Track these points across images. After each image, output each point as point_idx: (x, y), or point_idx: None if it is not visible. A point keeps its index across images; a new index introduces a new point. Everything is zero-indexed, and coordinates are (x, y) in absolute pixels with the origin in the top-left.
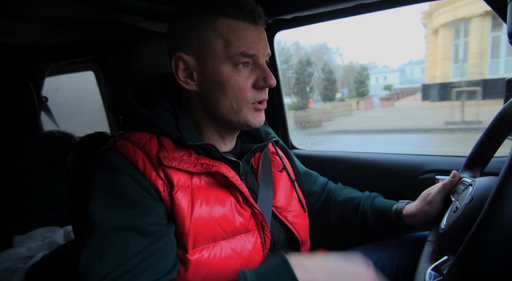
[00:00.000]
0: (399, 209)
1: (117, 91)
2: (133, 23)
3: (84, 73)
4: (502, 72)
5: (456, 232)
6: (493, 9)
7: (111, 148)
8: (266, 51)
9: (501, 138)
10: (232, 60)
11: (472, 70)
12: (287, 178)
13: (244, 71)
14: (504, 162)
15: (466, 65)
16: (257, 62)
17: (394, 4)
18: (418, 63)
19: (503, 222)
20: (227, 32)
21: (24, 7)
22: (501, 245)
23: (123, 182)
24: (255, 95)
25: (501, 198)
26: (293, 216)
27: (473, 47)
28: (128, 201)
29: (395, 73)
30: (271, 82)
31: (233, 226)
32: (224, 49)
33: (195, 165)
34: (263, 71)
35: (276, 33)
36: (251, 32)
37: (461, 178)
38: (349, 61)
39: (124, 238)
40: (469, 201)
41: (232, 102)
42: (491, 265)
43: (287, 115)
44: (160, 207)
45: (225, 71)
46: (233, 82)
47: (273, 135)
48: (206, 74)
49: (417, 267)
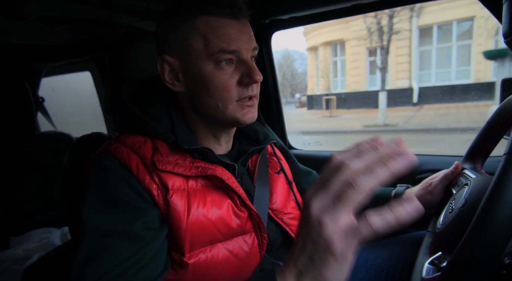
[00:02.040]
0: (399, 193)
1: (114, 92)
2: (130, 23)
3: (80, 73)
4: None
5: (451, 233)
6: (488, 9)
7: (105, 152)
8: (251, 45)
9: (501, 133)
10: (213, 58)
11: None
12: (284, 180)
13: (228, 68)
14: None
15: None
16: (240, 58)
17: (390, 4)
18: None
19: (497, 222)
20: (205, 30)
21: (21, 7)
22: (495, 245)
23: (116, 186)
24: (240, 93)
25: (495, 198)
26: (290, 218)
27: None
28: (121, 206)
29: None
30: (257, 78)
31: (230, 228)
32: (204, 48)
33: (190, 168)
34: (248, 67)
35: (273, 33)
36: (230, 27)
37: (463, 168)
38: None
39: (115, 242)
40: (463, 204)
41: (217, 101)
42: (486, 263)
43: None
44: (153, 211)
45: (208, 70)
46: (216, 81)
47: (272, 137)
48: (190, 75)
49: (417, 259)
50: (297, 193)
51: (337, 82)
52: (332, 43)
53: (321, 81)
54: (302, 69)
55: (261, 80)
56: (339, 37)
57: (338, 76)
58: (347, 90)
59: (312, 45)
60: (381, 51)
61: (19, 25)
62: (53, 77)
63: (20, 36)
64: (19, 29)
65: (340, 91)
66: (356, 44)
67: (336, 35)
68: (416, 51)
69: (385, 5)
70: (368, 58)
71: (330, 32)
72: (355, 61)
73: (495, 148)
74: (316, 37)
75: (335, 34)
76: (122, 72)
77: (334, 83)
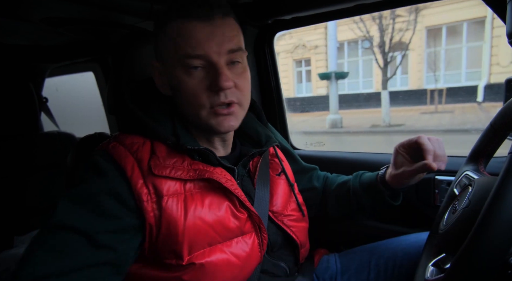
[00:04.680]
0: (382, 175)
1: (117, 92)
2: (133, 23)
3: (84, 74)
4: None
5: (454, 234)
6: (492, 9)
7: (103, 149)
8: (224, 48)
9: (504, 134)
10: (180, 63)
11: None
12: (285, 181)
13: (197, 74)
14: (504, 162)
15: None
16: (210, 62)
17: (394, 4)
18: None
19: (502, 221)
20: (175, 35)
21: (24, 8)
22: (500, 244)
23: (100, 186)
24: (212, 99)
25: (500, 198)
26: (290, 219)
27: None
28: (96, 208)
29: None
30: (222, 84)
31: (228, 230)
32: (174, 53)
33: (188, 171)
34: (215, 73)
35: (276, 33)
36: (199, 30)
37: (465, 171)
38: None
39: (72, 240)
40: (466, 204)
41: (190, 107)
42: (491, 263)
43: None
44: (128, 221)
45: (179, 76)
46: (185, 87)
47: (274, 138)
48: (169, 80)
49: (420, 260)
50: (298, 195)
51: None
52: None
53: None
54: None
55: (229, 88)
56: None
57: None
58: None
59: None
60: (305, 63)
61: (23, 26)
62: (56, 77)
63: (24, 37)
64: (23, 30)
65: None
66: (284, 56)
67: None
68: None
69: (388, 5)
70: (296, 69)
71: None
72: (284, 71)
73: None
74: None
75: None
76: (125, 72)
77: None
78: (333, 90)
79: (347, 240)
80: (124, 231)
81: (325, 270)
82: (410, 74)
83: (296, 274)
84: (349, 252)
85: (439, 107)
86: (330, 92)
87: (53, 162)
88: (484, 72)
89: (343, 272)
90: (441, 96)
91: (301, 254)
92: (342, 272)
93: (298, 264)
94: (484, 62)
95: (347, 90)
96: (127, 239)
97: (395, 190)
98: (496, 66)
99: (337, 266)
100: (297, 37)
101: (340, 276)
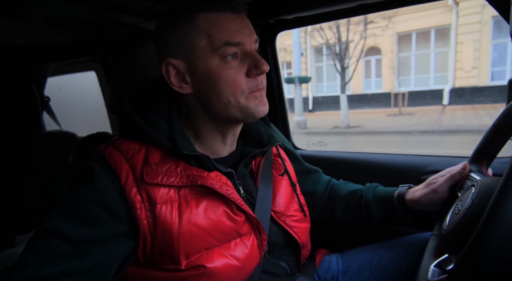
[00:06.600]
0: (401, 194)
1: (119, 92)
2: (134, 23)
3: (86, 73)
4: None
5: (457, 234)
6: (495, 9)
7: (99, 154)
8: (253, 38)
9: (507, 134)
10: (218, 53)
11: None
12: (288, 181)
13: (234, 62)
14: (508, 162)
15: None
16: (245, 50)
17: (396, 4)
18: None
19: (506, 222)
20: (208, 26)
21: (25, 8)
22: (504, 245)
23: (90, 193)
24: (250, 85)
25: (504, 198)
26: (292, 220)
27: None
28: (85, 215)
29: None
30: (264, 68)
31: (224, 234)
32: (208, 44)
33: (181, 177)
34: (254, 58)
35: (278, 33)
36: (231, 21)
37: (470, 171)
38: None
39: (59, 246)
40: (469, 205)
41: (228, 96)
42: (494, 263)
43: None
44: (120, 227)
45: (215, 66)
46: (225, 76)
47: (277, 138)
48: (197, 74)
49: (421, 261)
50: (300, 195)
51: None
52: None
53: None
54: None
55: (267, 70)
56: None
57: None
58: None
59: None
60: (286, 66)
61: (24, 26)
62: (58, 77)
63: (24, 37)
64: (24, 30)
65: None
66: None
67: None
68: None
69: (390, 5)
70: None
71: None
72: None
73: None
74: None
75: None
76: (126, 72)
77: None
78: (298, 94)
79: (349, 240)
80: (111, 238)
81: (327, 270)
82: (384, 78)
83: (297, 274)
84: (351, 252)
85: (402, 109)
86: (295, 96)
87: (55, 161)
88: (450, 76)
89: (344, 272)
90: (404, 99)
91: (302, 254)
92: (344, 272)
93: (299, 264)
94: (450, 67)
95: (325, 92)
96: (114, 246)
97: (409, 208)
98: (460, 71)
99: (338, 266)
100: (278, 41)
101: (342, 276)
